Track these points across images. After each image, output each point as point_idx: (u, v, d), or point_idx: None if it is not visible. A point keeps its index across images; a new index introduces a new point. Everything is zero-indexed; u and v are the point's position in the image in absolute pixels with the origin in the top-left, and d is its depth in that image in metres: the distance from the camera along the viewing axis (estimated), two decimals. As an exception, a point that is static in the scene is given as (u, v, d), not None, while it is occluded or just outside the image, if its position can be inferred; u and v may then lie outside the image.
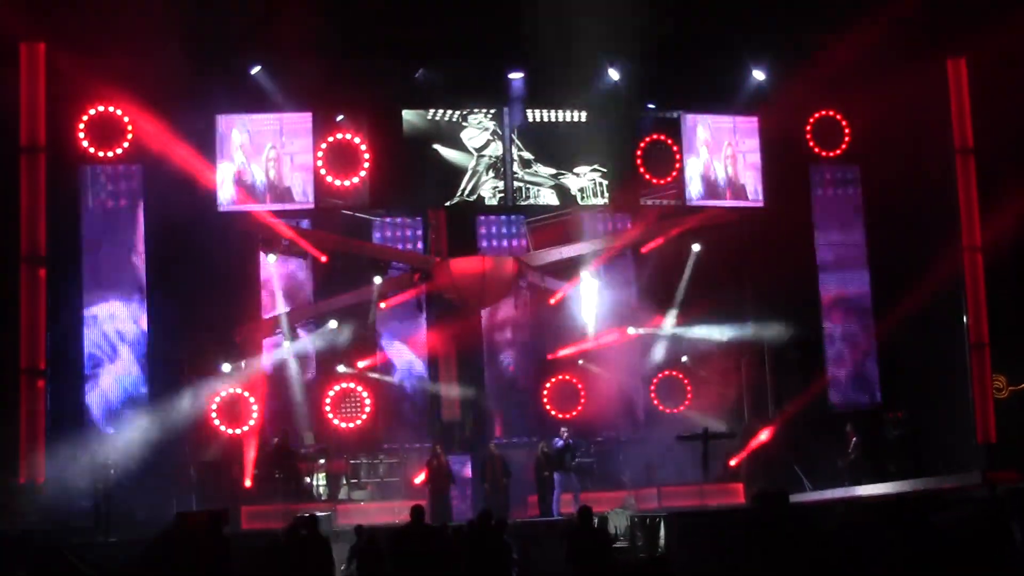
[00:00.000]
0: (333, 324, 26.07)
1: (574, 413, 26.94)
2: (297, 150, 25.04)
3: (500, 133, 26.06)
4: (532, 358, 27.66)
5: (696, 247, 26.99)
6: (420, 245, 27.05)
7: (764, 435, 25.82)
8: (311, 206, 25.18)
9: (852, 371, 27.60)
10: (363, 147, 25.33)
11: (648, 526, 19.76)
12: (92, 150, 24.45)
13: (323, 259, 25.82)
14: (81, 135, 24.35)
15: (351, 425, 26.12)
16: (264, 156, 24.96)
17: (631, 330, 27.01)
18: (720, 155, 26.78)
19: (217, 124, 24.84)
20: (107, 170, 24.83)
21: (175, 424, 24.54)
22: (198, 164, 24.55)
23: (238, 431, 25.17)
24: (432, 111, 25.84)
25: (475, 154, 26.03)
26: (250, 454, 25.02)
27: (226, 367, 25.09)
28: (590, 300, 26.88)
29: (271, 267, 26.21)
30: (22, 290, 21.73)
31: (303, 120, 25.19)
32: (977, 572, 15.36)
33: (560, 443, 24.02)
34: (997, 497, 19.43)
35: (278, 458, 24.51)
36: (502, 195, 26.12)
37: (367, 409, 26.18)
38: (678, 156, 26.56)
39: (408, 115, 25.77)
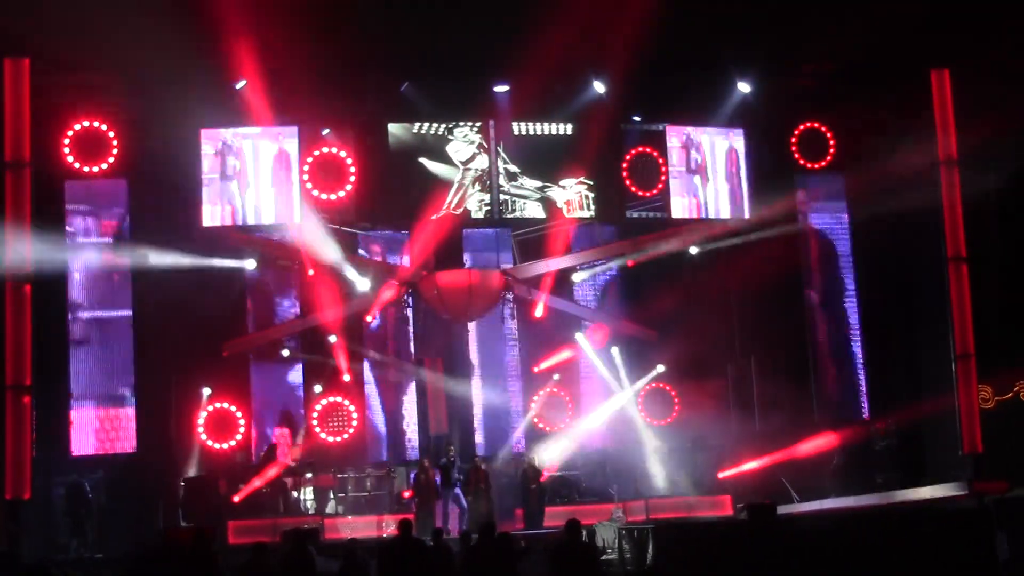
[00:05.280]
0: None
1: (563, 425, 27.00)
2: (283, 164, 25.01)
3: (486, 146, 26.07)
4: (519, 371, 27.68)
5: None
6: (406, 259, 27.02)
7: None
8: (297, 220, 25.13)
9: (838, 381, 27.62)
10: (349, 161, 25.33)
11: (636, 538, 19.72)
12: (77, 165, 24.46)
13: (310, 273, 25.75)
14: (66, 150, 24.34)
15: (338, 439, 26.06)
16: (249, 170, 24.93)
17: (614, 350, 27.08)
18: (705, 167, 26.82)
19: (201, 138, 24.79)
20: (92, 185, 24.80)
21: (161, 437, 24.59)
22: (183, 179, 24.52)
23: (225, 446, 25.15)
24: (418, 124, 25.85)
25: (461, 167, 26.03)
26: (237, 469, 25.00)
27: (207, 391, 25.04)
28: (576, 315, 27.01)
29: (258, 281, 26.17)
30: (8, 305, 21.60)
31: (289, 134, 25.18)
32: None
33: (444, 461, 24.06)
34: (984, 508, 19.49)
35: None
36: (488, 208, 26.12)
37: (354, 423, 26.14)
38: (664, 168, 26.59)
39: (394, 129, 25.77)
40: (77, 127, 24.46)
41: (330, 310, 25.95)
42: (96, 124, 24.54)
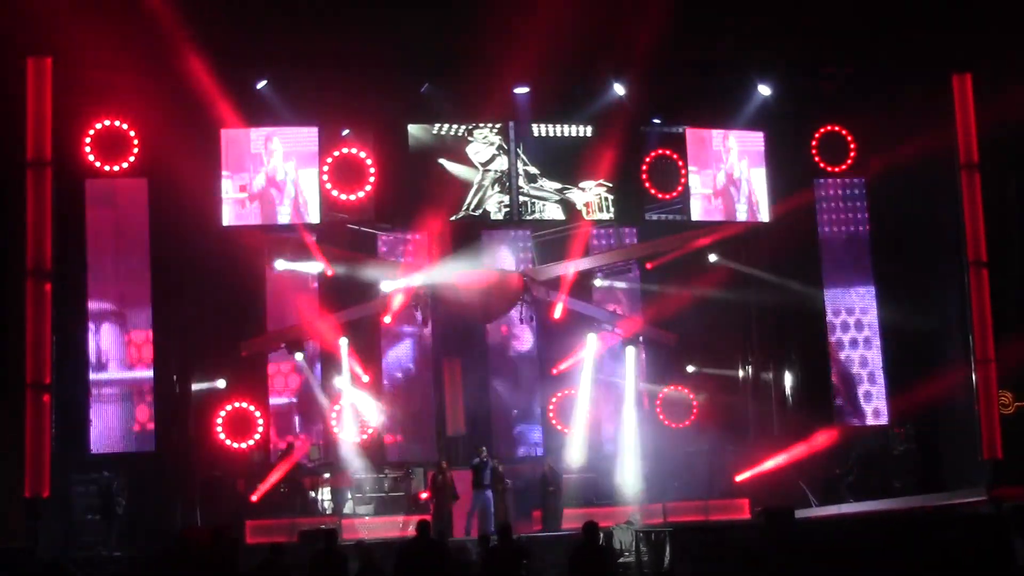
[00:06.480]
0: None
1: (580, 427, 26.96)
2: (303, 164, 25.06)
3: (506, 147, 26.05)
4: (537, 372, 27.68)
5: (713, 257, 27.11)
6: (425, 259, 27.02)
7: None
8: (316, 220, 25.16)
9: (858, 386, 27.53)
10: (369, 161, 25.34)
11: (653, 541, 19.70)
12: (98, 164, 24.52)
13: (329, 272, 25.80)
14: (87, 149, 24.42)
15: (356, 440, 26.06)
16: (269, 170, 24.98)
17: (630, 349, 27.04)
18: (725, 170, 26.76)
19: (222, 138, 24.85)
20: (113, 184, 24.86)
21: (179, 436, 24.65)
22: (203, 178, 24.57)
23: (243, 445, 25.20)
24: (437, 125, 25.85)
25: (481, 168, 26.02)
26: (256, 468, 25.05)
27: (221, 383, 25.11)
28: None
29: (276, 281, 26.23)
30: (28, 304, 21.68)
31: (309, 134, 25.22)
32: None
33: (476, 461, 24.05)
34: (1002, 514, 19.42)
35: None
36: (508, 209, 26.10)
37: (371, 424, 26.12)
38: (683, 171, 26.53)
39: (414, 129, 25.75)
40: (98, 126, 24.51)
41: (348, 311, 25.99)
42: (117, 123, 24.58)
